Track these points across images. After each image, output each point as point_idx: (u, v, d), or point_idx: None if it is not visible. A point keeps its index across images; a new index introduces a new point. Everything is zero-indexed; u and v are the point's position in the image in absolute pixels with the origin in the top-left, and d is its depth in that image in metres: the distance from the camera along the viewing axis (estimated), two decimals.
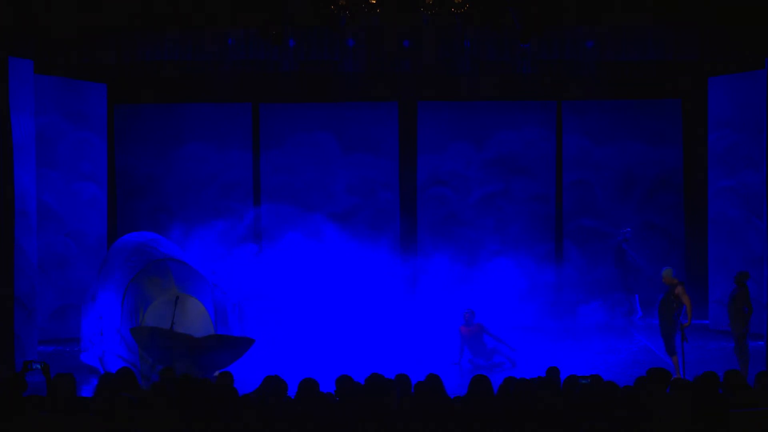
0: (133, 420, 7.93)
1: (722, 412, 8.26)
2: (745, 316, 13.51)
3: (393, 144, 19.19)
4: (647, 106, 18.93)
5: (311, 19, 15.59)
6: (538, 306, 17.80)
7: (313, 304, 17.11)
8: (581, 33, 16.29)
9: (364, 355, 15.01)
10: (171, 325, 12.83)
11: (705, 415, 8.16)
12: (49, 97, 16.46)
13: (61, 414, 8.07)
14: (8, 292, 13.63)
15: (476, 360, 14.87)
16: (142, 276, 13.59)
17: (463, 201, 19.21)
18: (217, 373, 12.98)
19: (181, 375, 9.35)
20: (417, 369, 11.22)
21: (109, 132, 18.04)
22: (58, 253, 16.81)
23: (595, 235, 19.02)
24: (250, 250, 16.90)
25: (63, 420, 7.97)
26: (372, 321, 16.88)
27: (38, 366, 9.17)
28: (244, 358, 13.26)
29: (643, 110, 18.95)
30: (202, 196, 18.91)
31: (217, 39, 16.11)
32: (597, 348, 15.90)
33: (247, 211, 18.30)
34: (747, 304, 13.53)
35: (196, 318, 13.33)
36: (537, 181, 19.16)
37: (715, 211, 17.52)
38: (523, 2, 14.47)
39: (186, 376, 9.11)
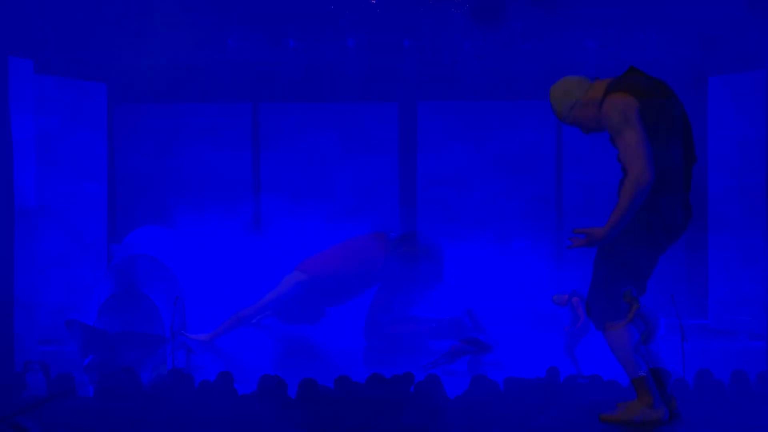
0: (132, 420, 7.93)
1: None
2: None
3: (393, 144, 19.17)
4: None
5: (311, 19, 15.60)
6: (537, 306, 17.77)
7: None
8: (581, 33, 16.29)
9: (363, 355, 14.99)
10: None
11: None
12: (49, 97, 16.44)
13: (61, 414, 8.08)
14: (8, 292, 13.61)
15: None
16: (115, 268, 14.00)
17: (463, 201, 19.19)
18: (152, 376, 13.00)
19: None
20: (416, 368, 11.21)
21: (109, 132, 18.02)
22: (58, 253, 16.79)
23: None
24: (250, 250, 16.87)
25: (63, 420, 7.97)
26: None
27: (38, 366, 9.17)
28: (244, 357, 13.18)
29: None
30: (202, 196, 18.87)
31: (217, 39, 16.10)
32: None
33: (246, 211, 18.27)
34: None
35: (146, 318, 13.31)
36: (537, 181, 19.14)
37: (715, 211, 17.51)
38: (523, 2, 14.50)
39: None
